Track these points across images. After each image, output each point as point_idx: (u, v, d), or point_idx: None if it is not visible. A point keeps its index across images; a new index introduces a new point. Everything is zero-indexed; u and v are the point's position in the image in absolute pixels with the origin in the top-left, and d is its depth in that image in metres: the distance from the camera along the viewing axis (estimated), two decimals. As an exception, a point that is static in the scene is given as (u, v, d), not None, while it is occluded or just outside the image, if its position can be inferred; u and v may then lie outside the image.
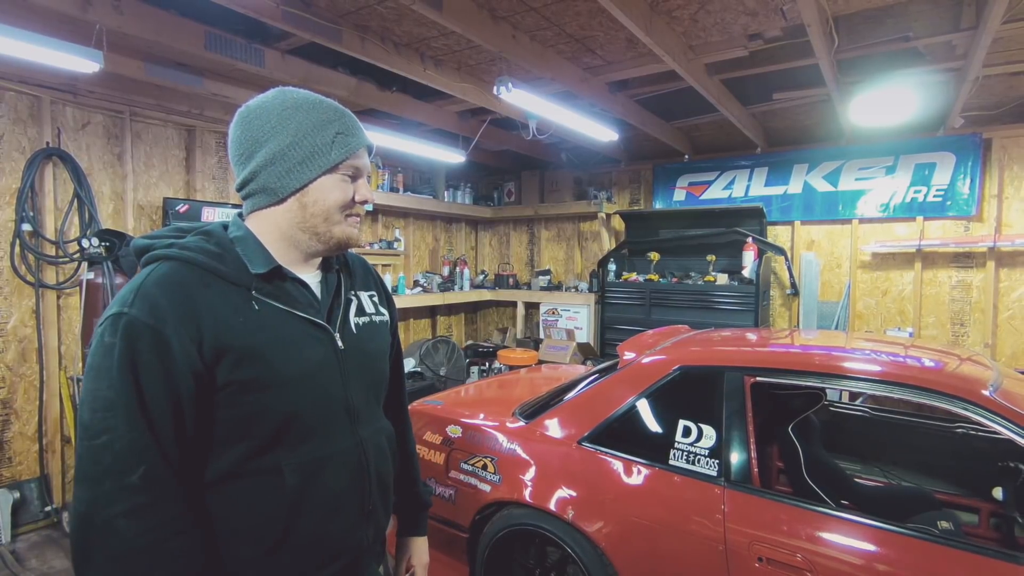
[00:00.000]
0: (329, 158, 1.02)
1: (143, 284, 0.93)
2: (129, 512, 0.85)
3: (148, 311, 0.89)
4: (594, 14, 2.90)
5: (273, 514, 0.98)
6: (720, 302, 5.04)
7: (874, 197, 4.92)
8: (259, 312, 0.99)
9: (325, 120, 1.03)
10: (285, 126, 1.01)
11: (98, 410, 0.87)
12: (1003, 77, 3.83)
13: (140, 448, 0.87)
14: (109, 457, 0.85)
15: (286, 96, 1.04)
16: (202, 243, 1.00)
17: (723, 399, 2.12)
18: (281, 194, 1.03)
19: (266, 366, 0.97)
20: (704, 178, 5.79)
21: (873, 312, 4.98)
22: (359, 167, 1.07)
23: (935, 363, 2.02)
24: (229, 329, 0.94)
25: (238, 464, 0.97)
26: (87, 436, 0.87)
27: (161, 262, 0.97)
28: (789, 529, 1.83)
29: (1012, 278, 4.43)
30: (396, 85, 4.08)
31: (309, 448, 1.02)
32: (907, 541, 1.69)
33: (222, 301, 0.96)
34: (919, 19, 3.14)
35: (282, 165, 1.01)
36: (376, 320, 1.22)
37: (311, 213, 1.03)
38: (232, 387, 0.94)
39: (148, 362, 0.88)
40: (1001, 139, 4.44)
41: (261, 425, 0.97)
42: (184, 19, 2.90)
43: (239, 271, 1.00)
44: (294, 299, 1.05)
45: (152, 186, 4.19)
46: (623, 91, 4.14)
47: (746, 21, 3.00)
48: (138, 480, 0.86)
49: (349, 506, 1.07)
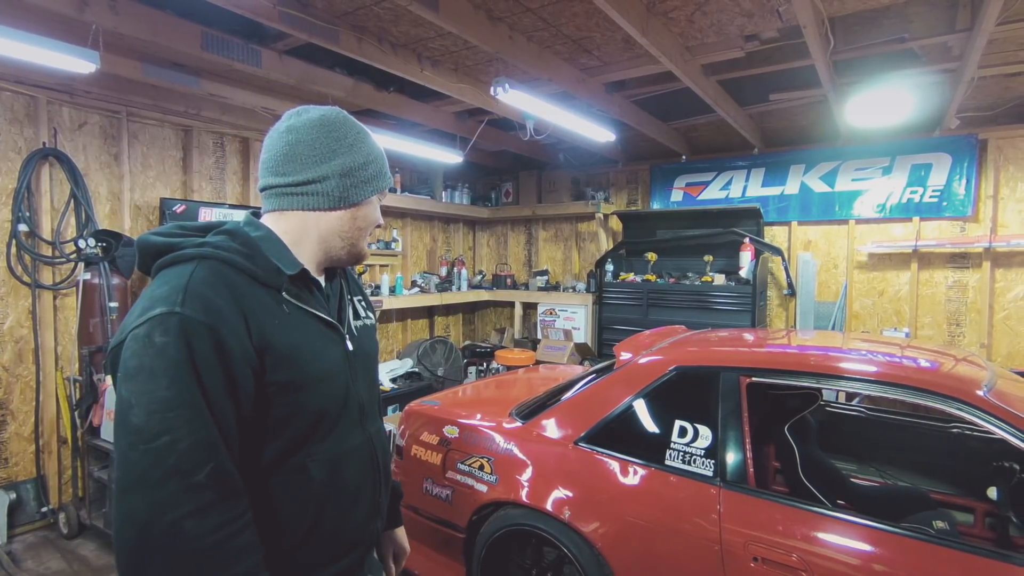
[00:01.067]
0: (380, 183, 1.15)
1: (190, 283, 0.90)
2: (197, 512, 0.84)
3: (203, 310, 0.88)
4: (591, 15, 2.90)
5: (303, 508, 1.02)
6: (717, 302, 5.05)
7: (871, 198, 4.93)
8: (289, 314, 1.02)
9: (382, 152, 1.17)
10: (360, 145, 1.11)
11: (156, 411, 0.83)
12: (999, 78, 3.84)
13: (206, 447, 0.86)
14: (173, 458, 0.83)
15: (355, 120, 1.16)
16: (231, 243, 1.00)
17: (719, 399, 2.13)
18: (343, 204, 1.10)
19: (299, 367, 1.00)
20: (701, 179, 5.80)
21: (870, 312, 4.99)
22: (383, 197, 1.20)
23: (930, 363, 2.03)
24: (269, 330, 0.96)
25: (274, 462, 0.99)
26: (143, 440, 0.83)
27: (201, 261, 0.95)
28: (784, 529, 1.83)
29: (1008, 278, 4.45)
30: (393, 86, 4.08)
31: (331, 445, 1.06)
32: (902, 541, 1.69)
33: (258, 302, 0.97)
34: (915, 20, 3.15)
35: (354, 178, 1.10)
36: (367, 323, 1.29)
37: (357, 226, 1.13)
38: (272, 387, 0.97)
39: (208, 360, 0.87)
40: (997, 140, 4.46)
41: (295, 424, 1.00)
42: (180, 19, 2.90)
43: (270, 272, 1.01)
44: (315, 301, 1.09)
45: (149, 186, 4.18)
46: (620, 92, 4.14)
47: (742, 22, 3.00)
48: (205, 479, 0.85)
49: (364, 499, 1.14)
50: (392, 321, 6.29)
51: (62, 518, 3.54)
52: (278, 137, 1.08)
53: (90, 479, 3.53)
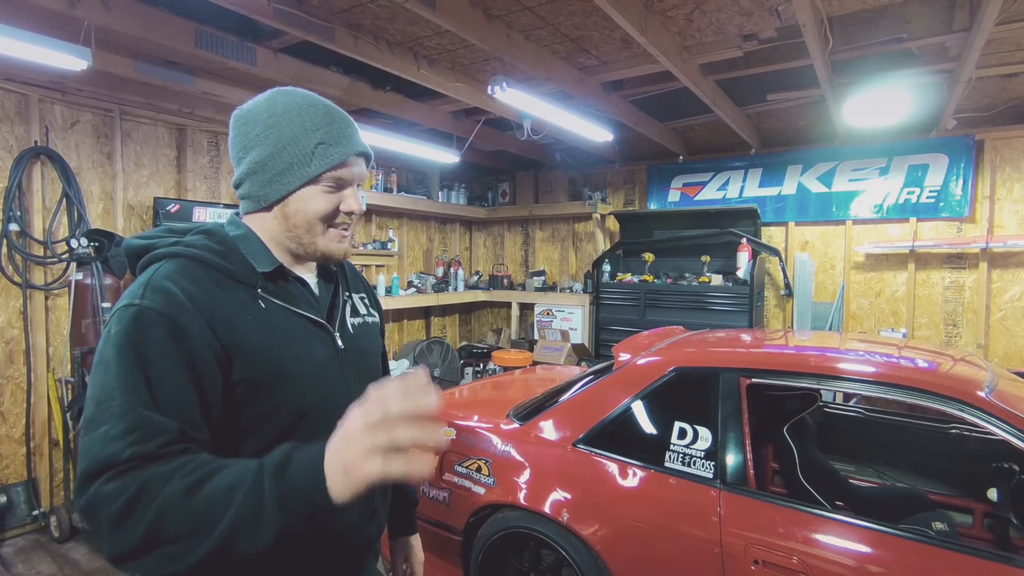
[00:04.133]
0: (309, 170, 0.99)
1: (152, 279, 0.90)
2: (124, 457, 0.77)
3: (162, 302, 0.87)
4: (588, 13, 2.88)
5: None
6: (714, 303, 5.04)
7: (868, 198, 4.93)
8: (265, 310, 0.99)
9: (309, 128, 1.00)
10: (268, 135, 1.00)
11: (103, 400, 0.81)
12: (995, 79, 3.84)
13: (140, 430, 0.79)
14: (99, 445, 0.78)
15: (275, 101, 1.02)
16: (206, 241, 0.99)
17: (719, 400, 2.11)
18: (265, 203, 1.03)
19: (275, 364, 0.96)
20: (699, 179, 5.80)
21: (867, 313, 4.99)
22: (343, 178, 1.03)
23: (930, 364, 2.01)
24: (240, 327, 0.94)
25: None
26: (86, 431, 0.81)
27: (168, 260, 0.95)
28: (785, 531, 1.82)
29: (1004, 279, 4.45)
30: (390, 84, 4.05)
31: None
32: (902, 543, 1.68)
33: (231, 298, 0.95)
34: (913, 21, 3.15)
35: (264, 175, 1.00)
36: (368, 321, 1.24)
37: (293, 223, 1.02)
38: (243, 385, 0.93)
39: (162, 346, 0.84)
40: (993, 141, 4.46)
41: (272, 423, 0.97)
42: (174, 16, 2.86)
43: (245, 269, 0.99)
44: (296, 298, 1.05)
45: (142, 186, 4.14)
46: (617, 91, 4.13)
47: (741, 21, 2.99)
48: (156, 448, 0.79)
49: (354, 504, 1.07)
50: (388, 322, 6.25)
51: (53, 521, 3.50)
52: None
53: (82, 482, 3.48)
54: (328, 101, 1.06)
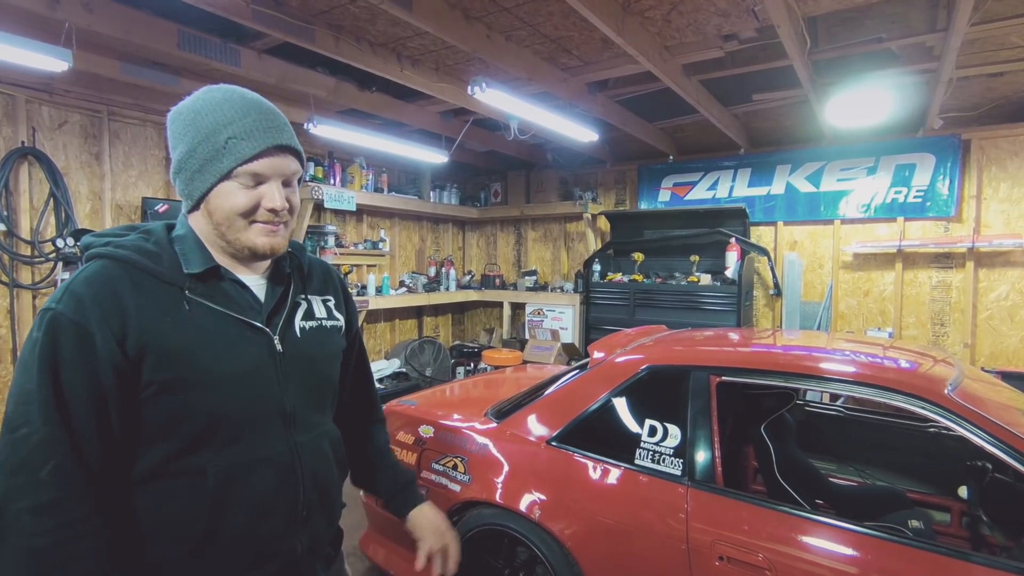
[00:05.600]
0: (220, 165, 0.98)
1: (72, 282, 0.94)
2: (35, 508, 0.85)
3: (73, 307, 0.90)
4: (567, 14, 2.90)
5: (194, 515, 0.97)
6: (703, 302, 5.05)
7: (856, 198, 4.94)
8: (189, 312, 0.98)
9: (221, 123, 0.98)
10: (186, 133, 1.00)
11: (20, 403, 0.88)
12: (981, 79, 3.85)
13: (53, 442, 0.87)
14: (25, 450, 0.86)
15: (197, 99, 1.02)
16: (140, 241, 1.01)
17: (688, 398, 2.12)
18: (192, 200, 1.03)
19: (191, 366, 0.96)
20: (688, 179, 5.81)
21: (855, 312, 5.00)
22: (260, 172, 1.00)
23: (898, 363, 2.02)
24: (154, 328, 0.94)
25: (161, 464, 0.96)
26: (8, 429, 0.87)
27: (95, 260, 0.98)
28: (751, 528, 1.83)
29: (990, 278, 4.46)
30: (376, 85, 4.07)
31: (236, 450, 1.01)
32: (867, 540, 1.69)
33: (151, 300, 0.96)
34: (895, 20, 3.16)
35: (186, 172, 1.01)
36: (327, 325, 1.20)
37: (216, 220, 1.02)
38: (155, 386, 0.94)
39: (69, 356, 0.89)
40: (979, 140, 4.47)
41: (185, 425, 0.96)
42: (156, 18, 2.89)
43: (173, 270, 1.00)
44: (230, 300, 1.04)
45: (131, 186, 4.17)
46: (603, 91, 4.14)
47: (719, 22, 3.00)
48: (47, 476, 0.86)
49: (278, 511, 1.06)
50: (380, 321, 6.27)
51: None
52: None
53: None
54: (255, 96, 1.04)
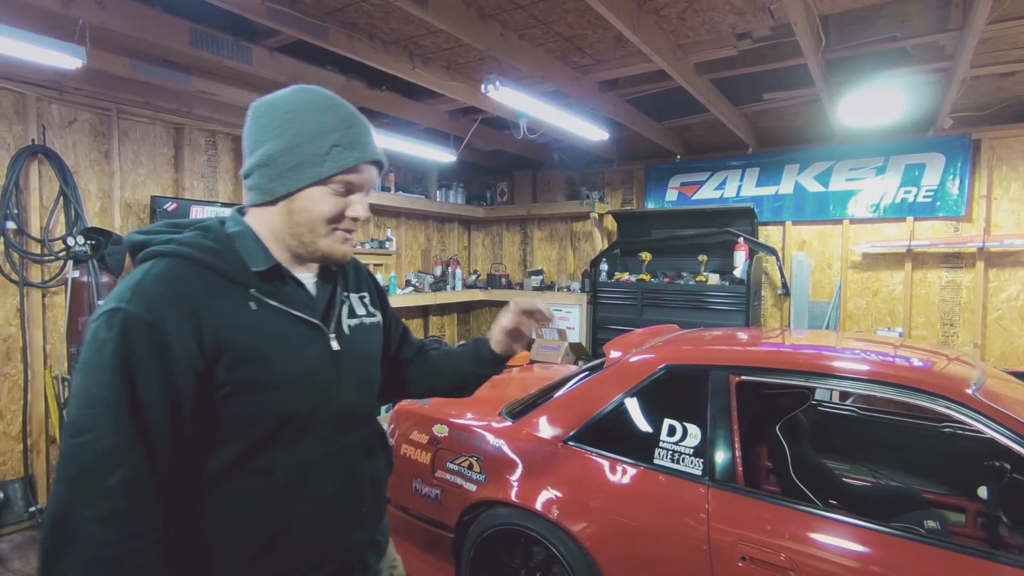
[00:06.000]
0: (319, 170, 0.98)
1: (141, 281, 0.90)
2: (103, 517, 0.82)
3: (146, 308, 0.87)
4: (582, 12, 2.89)
5: (264, 516, 0.96)
6: (711, 302, 5.04)
7: (864, 198, 4.93)
8: (257, 311, 0.97)
9: (326, 129, 0.99)
10: (285, 129, 0.98)
11: (85, 407, 0.84)
12: (992, 78, 3.84)
13: (124, 449, 0.84)
14: (91, 457, 0.83)
15: (296, 97, 1.02)
16: (200, 239, 0.98)
17: (708, 398, 2.11)
18: (270, 197, 1.01)
19: (263, 366, 0.95)
20: (696, 178, 5.80)
21: (863, 312, 4.99)
22: (353, 183, 1.01)
23: (919, 362, 2.01)
24: (226, 328, 0.93)
25: (232, 465, 0.95)
26: (72, 433, 0.84)
27: (159, 259, 0.94)
28: (773, 528, 1.82)
29: (1001, 279, 4.45)
30: (386, 84, 4.06)
31: (302, 449, 1.00)
32: (890, 540, 1.68)
33: (221, 299, 0.94)
34: (907, 19, 3.15)
35: (274, 169, 0.99)
36: (367, 322, 1.20)
37: (296, 221, 1.01)
38: (229, 387, 0.93)
39: (144, 360, 0.86)
40: (990, 140, 4.45)
41: (256, 425, 0.96)
42: (169, 16, 2.88)
43: (237, 268, 0.98)
44: (291, 299, 1.03)
45: (140, 184, 4.16)
46: (613, 90, 4.13)
47: (734, 20, 2.99)
48: (117, 484, 0.83)
49: (341, 510, 1.06)
50: (386, 321, 6.25)
51: (50, 518, 3.50)
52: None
53: (78, 479, 3.49)
54: (350, 105, 1.05)
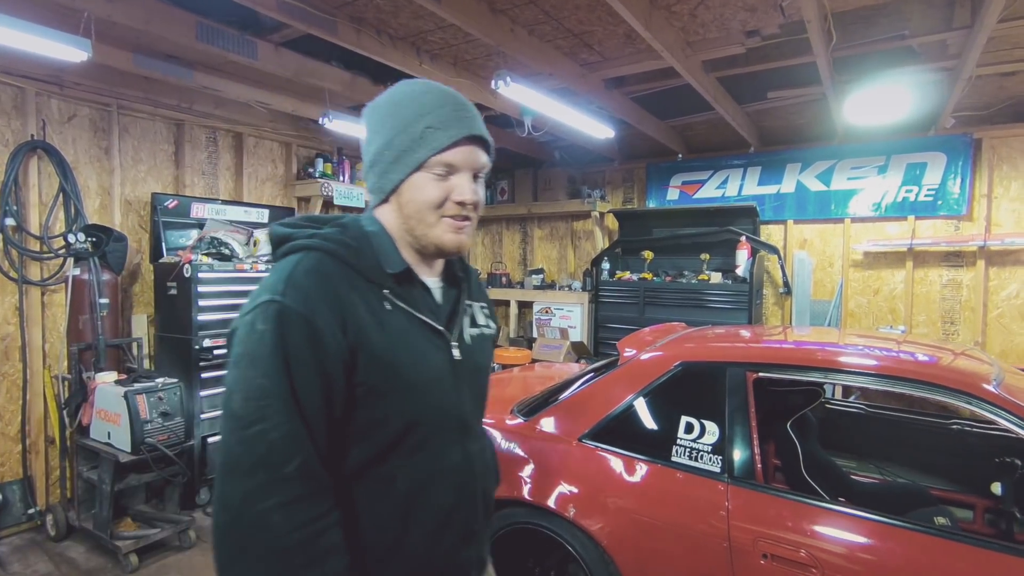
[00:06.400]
0: (416, 156, 0.96)
1: (292, 273, 0.90)
2: (284, 505, 0.82)
3: (301, 300, 0.87)
4: (593, 8, 2.88)
5: (386, 522, 0.95)
6: (713, 301, 5.05)
7: (866, 196, 4.95)
8: (391, 313, 0.96)
9: (420, 113, 0.97)
10: (385, 124, 0.99)
11: (251, 399, 0.84)
12: (994, 77, 3.87)
13: (296, 438, 0.84)
14: (263, 447, 0.82)
15: (396, 91, 1.02)
16: (341, 236, 0.98)
17: (726, 394, 2.10)
18: (383, 194, 1.01)
19: (394, 370, 0.94)
20: (697, 177, 5.80)
21: (865, 311, 5.01)
22: (452, 163, 0.97)
23: (935, 358, 2.02)
24: (365, 327, 0.92)
25: (357, 468, 0.94)
26: (240, 426, 0.83)
27: (306, 252, 0.94)
28: (794, 525, 1.81)
29: (1001, 277, 4.48)
30: (391, 80, 4.03)
31: (421, 459, 0.98)
32: (910, 535, 1.68)
33: (360, 297, 0.93)
34: (913, 18, 3.16)
35: (381, 165, 0.99)
36: (486, 332, 1.19)
37: (407, 214, 0.99)
38: (363, 387, 0.91)
39: (301, 351, 0.86)
40: (991, 139, 4.48)
41: (382, 430, 0.94)
42: (176, 8, 2.84)
43: (374, 269, 0.97)
44: (419, 304, 1.01)
45: (140, 181, 4.10)
46: (619, 88, 4.12)
47: (745, 17, 2.99)
48: (294, 471, 0.83)
49: (455, 524, 1.03)
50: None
51: (49, 520, 3.46)
52: None
53: (79, 480, 3.45)
54: (449, 88, 1.02)
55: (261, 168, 4.90)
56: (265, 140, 4.90)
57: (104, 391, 3.28)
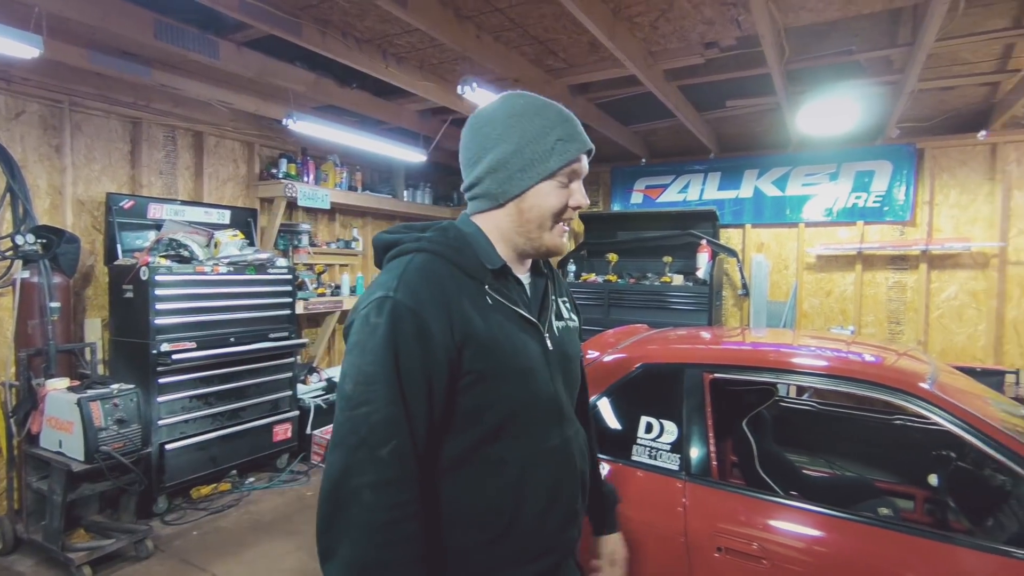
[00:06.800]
0: (548, 165, 1.05)
1: (404, 272, 0.99)
2: (376, 484, 0.89)
3: (411, 296, 0.96)
4: (558, 16, 2.93)
5: (499, 504, 1.02)
6: (675, 302, 5.18)
7: (819, 202, 5.17)
8: (492, 306, 1.04)
9: (548, 126, 1.06)
10: (510, 134, 1.05)
11: (360, 383, 0.93)
12: (935, 92, 4.10)
13: (394, 423, 0.91)
14: (366, 428, 0.91)
15: (513, 103, 1.09)
16: (444, 238, 1.07)
17: (683, 395, 2.18)
18: (502, 199, 1.08)
19: (498, 358, 1.01)
20: (660, 181, 5.95)
21: (818, 311, 5.23)
22: (576, 171, 1.08)
23: (877, 358, 2.14)
24: (471, 319, 0.99)
25: (469, 452, 1.01)
26: (349, 406, 0.93)
27: (416, 254, 1.03)
28: (746, 519, 1.90)
29: (942, 279, 4.74)
30: (356, 82, 4.01)
31: (528, 442, 1.05)
32: (857, 527, 1.78)
33: (466, 293, 1.02)
34: (861, 34, 3.33)
35: (504, 172, 1.06)
36: (571, 325, 1.26)
37: (527, 219, 1.08)
38: (471, 375, 0.98)
39: (409, 343, 0.94)
40: (932, 149, 4.75)
41: (491, 414, 1.01)
42: (133, 6, 2.77)
43: (475, 265, 1.06)
44: (515, 297, 1.10)
45: (94, 180, 3.97)
46: (583, 94, 4.20)
47: (703, 29, 3.10)
48: (387, 455, 0.90)
49: (561, 503, 1.10)
50: (352, 322, 6.16)
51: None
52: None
53: (28, 490, 3.32)
54: (556, 102, 1.11)
55: (222, 168, 4.80)
56: (227, 139, 4.80)
57: (55, 398, 3.17)
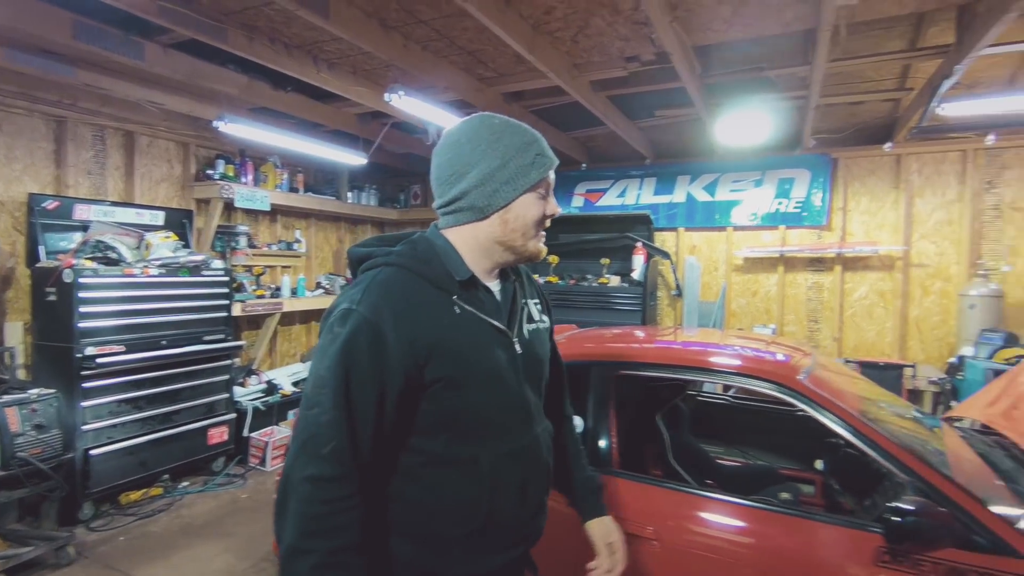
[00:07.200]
0: (529, 178, 1.13)
1: (369, 286, 1.06)
2: (314, 478, 0.98)
3: (371, 309, 1.03)
4: (481, 30, 3.04)
5: (476, 499, 1.10)
6: (613, 302, 5.38)
7: (746, 207, 5.46)
8: (460, 315, 1.10)
9: (527, 142, 1.14)
10: (495, 149, 1.12)
11: (316, 385, 1.02)
12: (844, 106, 4.41)
13: (336, 425, 0.99)
14: (315, 427, 1.00)
15: (492, 122, 1.16)
16: (411, 251, 1.13)
17: (590, 390, 2.33)
18: (488, 211, 1.13)
19: (467, 365, 1.08)
20: (600, 186, 6.15)
21: (744, 311, 5.52)
22: (551, 183, 1.18)
23: (762, 353, 2.34)
24: (438, 329, 1.06)
25: (441, 452, 1.09)
26: (306, 406, 1.03)
27: (383, 268, 1.11)
28: (643, 505, 2.05)
29: (854, 280, 5.09)
30: (291, 86, 4.02)
31: (498, 442, 1.13)
32: (739, 508, 1.96)
33: (433, 304, 1.08)
34: (776, 53, 3.55)
35: (491, 185, 1.12)
36: (540, 327, 1.32)
37: (511, 228, 1.14)
38: (440, 383, 1.05)
39: (362, 353, 1.01)
40: (845, 159, 5.09)
41: (462, 418, 1.09)
42: (49, 6, 2.73)
43: (443, 277, 1.12)
44: (484, 305, 1.16)
45: (14, 180, 3.86)
46: (518, 102, 4.33)
47: (621, 45, 3.27)
48: (328, 453, 0.99)
49: (532, 496, 1.20)
50: (295, 324, 6.13)
51: None
52: (432, 160, 1.19)
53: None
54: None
55: (155, 168, 4.72)
56: (160, 139, 4.72)
57: (-30, 405, 3.08)
